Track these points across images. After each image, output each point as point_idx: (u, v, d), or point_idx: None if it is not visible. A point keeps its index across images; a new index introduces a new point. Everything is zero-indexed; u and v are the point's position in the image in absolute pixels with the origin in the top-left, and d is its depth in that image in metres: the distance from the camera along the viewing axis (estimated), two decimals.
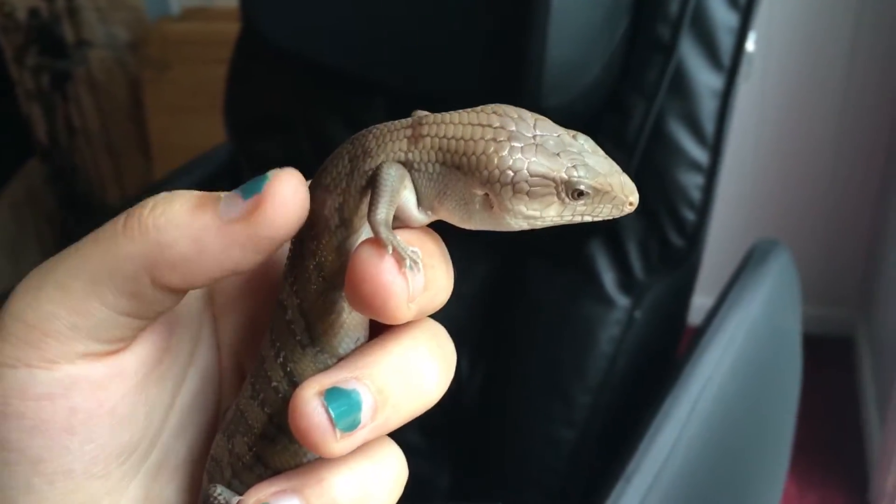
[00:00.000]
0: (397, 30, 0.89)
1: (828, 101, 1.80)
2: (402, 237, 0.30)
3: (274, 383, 0.32)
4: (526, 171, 0.29)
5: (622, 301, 0.89)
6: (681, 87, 0.83)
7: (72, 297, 0.28)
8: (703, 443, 0.73)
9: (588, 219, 0.31)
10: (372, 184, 0.30)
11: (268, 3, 0.99)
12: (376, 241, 0.28)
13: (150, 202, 0.29)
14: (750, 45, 0.84)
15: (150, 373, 0.32)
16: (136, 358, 0.31)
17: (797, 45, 1.75)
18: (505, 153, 0.29)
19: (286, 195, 0.29)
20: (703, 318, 0.82)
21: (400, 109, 0.31)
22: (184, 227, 0.28)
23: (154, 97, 1.88)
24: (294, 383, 0.31)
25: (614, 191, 0.31)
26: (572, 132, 0.31)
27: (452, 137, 0.30)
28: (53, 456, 0.29)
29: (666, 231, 0.87)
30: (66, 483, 0.29)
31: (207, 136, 1.27)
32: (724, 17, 0.81)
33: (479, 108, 0.31)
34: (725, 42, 0.82)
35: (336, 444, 0.28)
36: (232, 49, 1.12)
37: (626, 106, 0.84)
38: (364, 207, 0.30)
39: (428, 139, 0.30)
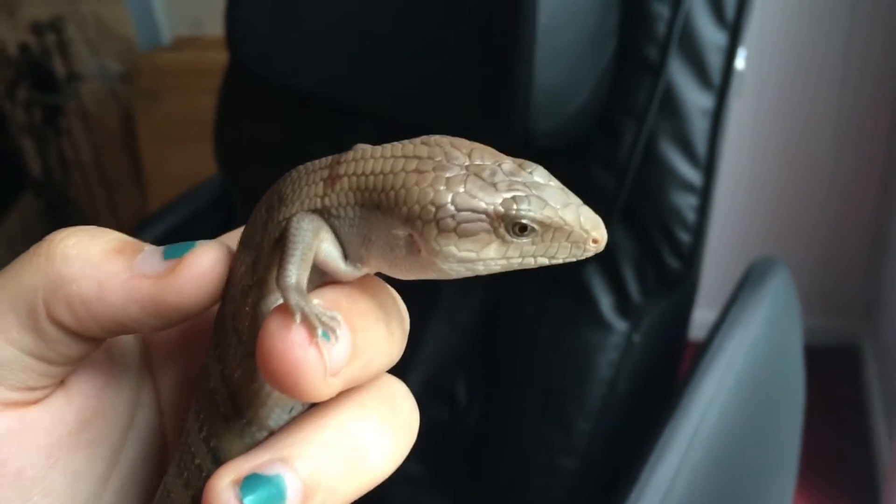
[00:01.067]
0: (384, 57, 0.88)
1: (823, 112, 1.79)
2: (328, 296, 0.26)
3: (197, 460, 0.28)
4: (451, 206, 0.25)
5: (620, 325, 0.88)
6: (671, 107, 0.82)
7: None
8: (706, 469, 0.71)
9: (544, 261, 0.26)
10: (282, 240, 0.26)
11: (253, 34, 0.99)
12: (285, 310, 0.25)
13: (69, 231, 0.27)
14: (740, 64, 0.83)
15: (72, 436, 0.28)
16: (48, 416, 0.28)
17: (790, 61, 1.75)
18: (426, 185, 0.25)
19: (204, 267, 0.26)
20: (703, 337, 0.81)
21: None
22: (92, 266, 0.26)
23: (147, 128, 1.88)
24: (218, 461, 0.27)
25: (568, 225, 0.26)
26: (520, 161, 0.27)
27: (371, 173, 0.26)
28: None
29: (661, 253, 0.86)
30: None
31: (201, 165, 1.27)
32: (712, 36, 0.81)
33: (409, 140, 0.27)
34: (714, 61, 0.81)
35: None
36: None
37: (617, 128, 0.83)
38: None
39: (345, 179, 0.26)
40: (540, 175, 0.27)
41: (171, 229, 1.11)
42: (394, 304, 0.28)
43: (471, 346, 0.96)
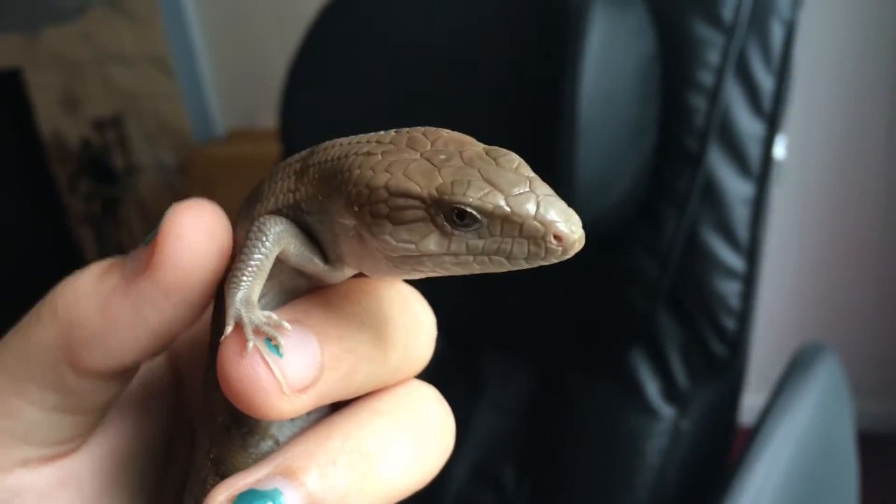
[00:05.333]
0: None
1: (871, 196, 1.79)
2: (300, 306, 0.24)
3: (203, 474, 0.26)
4: (383, 189, 0.21)
5: (667, 411, 0.88)
6: (712, 196, 0.83)
7: None
8: None
9: (502, 261, 0.21)
10: (243, 244, 0.24)
11: (305, 128, 1.02)
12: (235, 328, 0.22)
13: (64, 281, 0.25)
14: (779, 152, 0.84)
15: (115, 479, 0.27)
16: (92, 460, 0.26)
17: (834, 147, 1.75)
18: (367, 168, 0.22)
19: (184, 228, 0.24)
20: (753, 423, 0.79)
21: None
22: (91, 297, 0.24)
23: None
24: (222, 474, 0.25)
25: (517, 216, 0.21)
26: (490, 148, 0.23)
27: (331, 160, 0.23)
28: None
29: (707, 338, 0.86)
30: None
31: None
32: (750, 127, 0.82)
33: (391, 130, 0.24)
34: (753, 151, 0.82)
35: None
36: None
37: (659, 216, 0.84)
38: None
39: (311, 169, 0.24)
40: (507, 161, 0.22)
41: None
42: (392, 308, 0.25)
43: (518, 432, 0.96)
